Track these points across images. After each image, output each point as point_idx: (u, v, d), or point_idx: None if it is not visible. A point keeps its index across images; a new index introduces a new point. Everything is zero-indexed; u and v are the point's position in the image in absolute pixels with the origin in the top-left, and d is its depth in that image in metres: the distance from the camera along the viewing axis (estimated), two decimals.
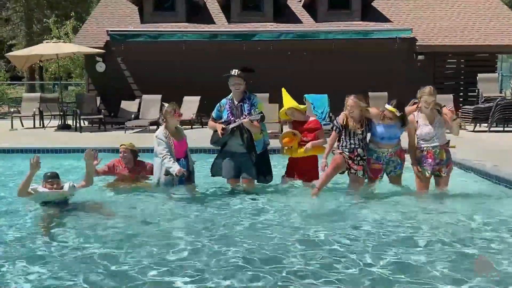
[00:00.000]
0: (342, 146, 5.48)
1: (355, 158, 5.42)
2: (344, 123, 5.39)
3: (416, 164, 5.31)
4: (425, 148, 5.25)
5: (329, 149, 5.55)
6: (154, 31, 13.99)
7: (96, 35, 14.63)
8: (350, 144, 5.41)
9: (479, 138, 10.52)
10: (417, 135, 5.30)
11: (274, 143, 6.03)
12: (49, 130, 12.61)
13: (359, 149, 5.40)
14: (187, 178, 5.50)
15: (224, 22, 15.12)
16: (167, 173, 5.33)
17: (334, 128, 5.50)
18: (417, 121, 5.27)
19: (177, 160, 5.38)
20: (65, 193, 4.98)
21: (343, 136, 5.46)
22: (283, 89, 5.90)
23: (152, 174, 5.77)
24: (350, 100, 5.35)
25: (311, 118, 5.90)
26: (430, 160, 5.24)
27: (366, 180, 5.56)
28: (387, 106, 5.29)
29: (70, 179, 5.47)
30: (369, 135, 5.50)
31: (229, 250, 3.80)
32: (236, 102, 5.54)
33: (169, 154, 5.30)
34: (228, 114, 5.53)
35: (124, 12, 15.79)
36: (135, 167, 5.93)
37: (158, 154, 5.38)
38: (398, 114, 5.18)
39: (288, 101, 5.77)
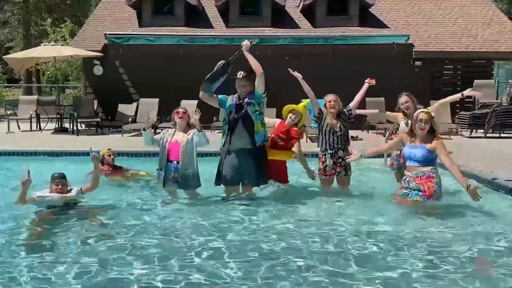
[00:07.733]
0: (323, 151, 5.57)
1: (337, 161, 5.55)
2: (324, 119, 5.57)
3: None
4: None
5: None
6: (152, 35, 14.00)
7: (94, 38, 14.62)
8: (331, 147, 5.51)
9: (475, 144, 10.54)
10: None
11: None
12: (46, 133, 12.56)
13: (339, 152, 5.52)
14: (183, 183, 5.42)
15: (222, 26, 15.16)
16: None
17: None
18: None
19: (170, 162, 5.39)
20: (68, 197, 4.98)
21: (323, 136, 5.55)
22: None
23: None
24: (331, 96, 5.57)
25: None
26: None
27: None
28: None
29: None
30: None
31: (230, 254, 3.79)
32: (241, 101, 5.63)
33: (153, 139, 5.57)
34: (233, 107, 5.57)
35: (123, 16, 15.80)
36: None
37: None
38: None
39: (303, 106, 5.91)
